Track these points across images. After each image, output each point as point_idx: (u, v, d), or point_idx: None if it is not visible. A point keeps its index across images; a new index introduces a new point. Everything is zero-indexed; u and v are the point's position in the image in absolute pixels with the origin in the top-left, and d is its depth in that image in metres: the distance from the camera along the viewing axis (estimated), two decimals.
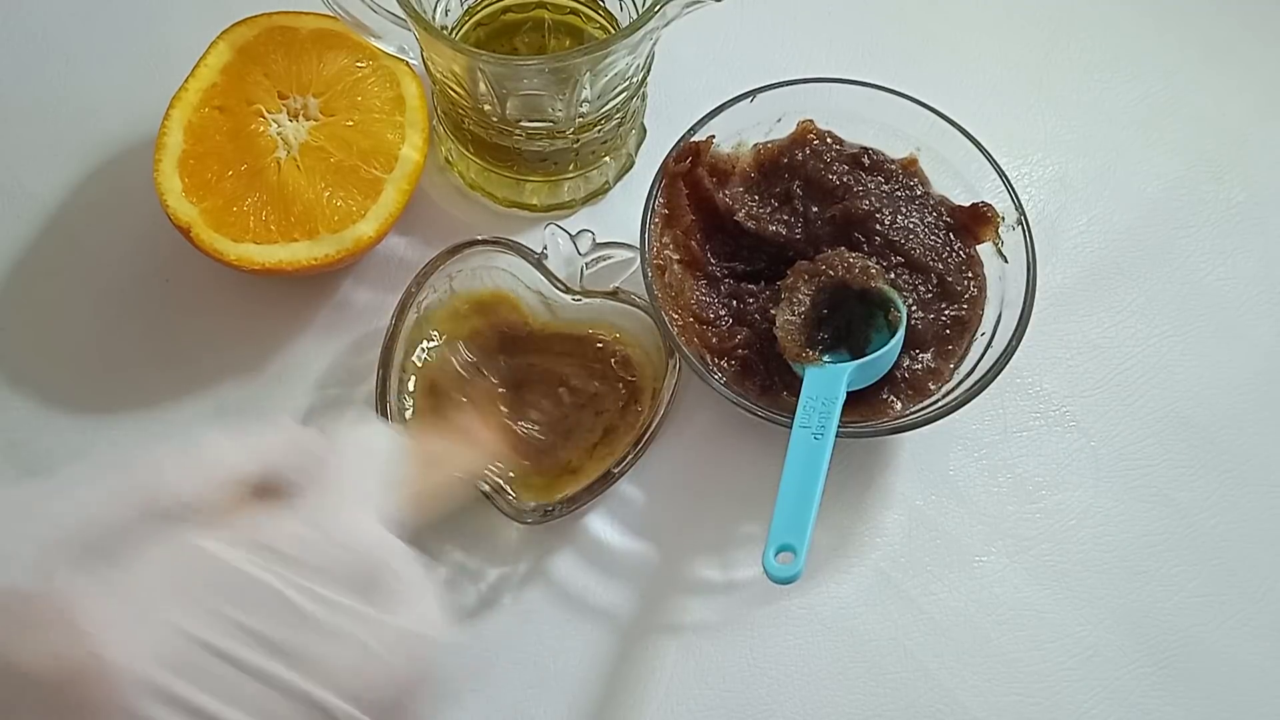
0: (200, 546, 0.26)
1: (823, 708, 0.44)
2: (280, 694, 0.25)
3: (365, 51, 0.50)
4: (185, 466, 0.28)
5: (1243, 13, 0.61)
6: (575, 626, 0.45)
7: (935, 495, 0.48)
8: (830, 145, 0.49)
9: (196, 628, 0.25)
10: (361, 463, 0.31)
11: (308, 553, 0.27)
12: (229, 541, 0.26)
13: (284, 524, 0.28)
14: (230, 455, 0.29)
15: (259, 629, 0.26)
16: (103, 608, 0.24)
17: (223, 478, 0.28)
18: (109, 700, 0.23)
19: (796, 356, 0.44)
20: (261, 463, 0.29)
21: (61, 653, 0.23)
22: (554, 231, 0.48)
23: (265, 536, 0.27)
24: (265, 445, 0.30)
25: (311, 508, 0.28)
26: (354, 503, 0.29)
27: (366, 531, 0.29)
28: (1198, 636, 0.46)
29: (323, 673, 0.26)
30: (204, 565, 0.26)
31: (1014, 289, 0.46)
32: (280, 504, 0.28)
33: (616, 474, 0.44)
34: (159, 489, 0.27)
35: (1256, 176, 0.56)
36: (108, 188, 0.53)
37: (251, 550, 0.26)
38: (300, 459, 0.30)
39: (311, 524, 0.28)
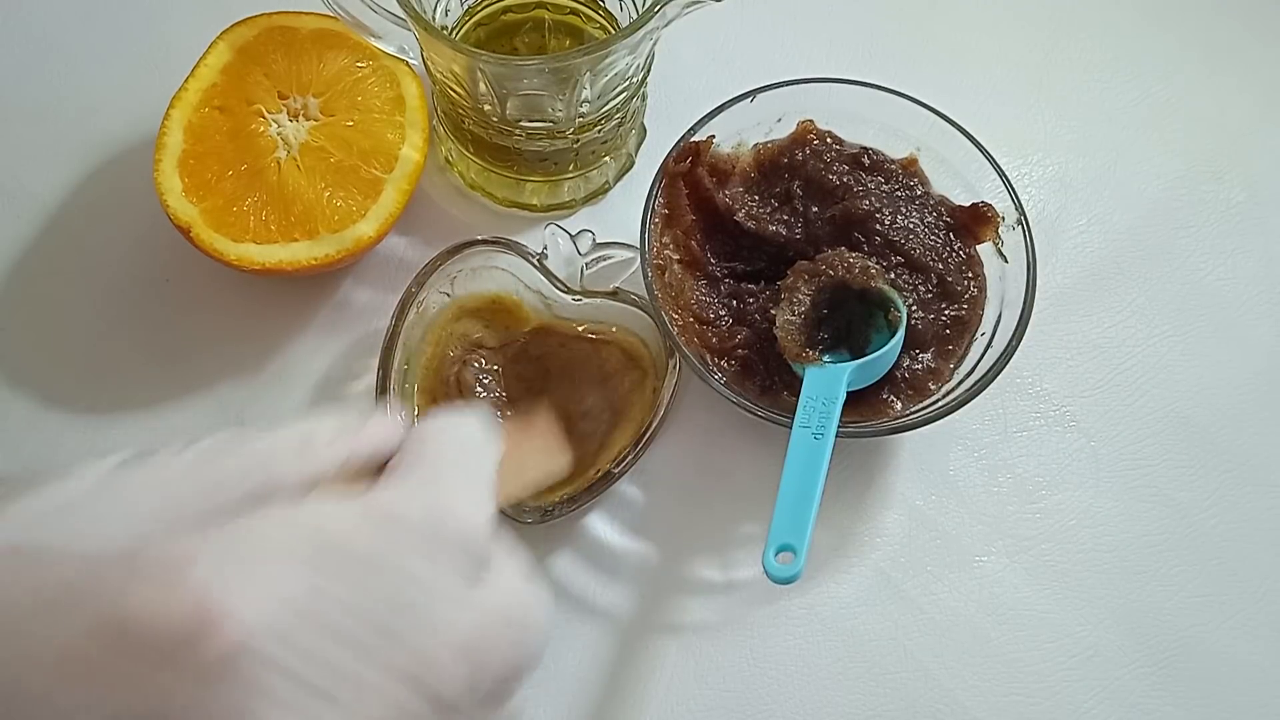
0: (312, 512, 0.26)
1: (823, 708, 0.44)
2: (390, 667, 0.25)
3: (365, 51, 0.50)
4: (298, 452, 0.28)
5: (1243, 13, 0.61)
6: (575, 626, 0.45)
7: (935, 495, 0.48)
8: (830, 145, 0.49)
9: (310, 593, 0.24)
10: (466, 452, 0.30)
11: (423, 524, 0.27)
12: (341, 509, 0.26)
13: (396, 497, 0.27)
14: (336, 444, 0.29)
15: (373, 600, 0.25)
16: (217, 567, 0.24)
17: (327, 466, 0.28)
18: (216, 656, 0.23)
19: (796, 356, 0.44)
20: (365, 452, 0.29)
21: (171, 606, 0.23)
22: (554, 231, 0.48)
23: (378, 507, 0.27)
24: (368, 434, 0.30)
25: (421, 488, 0.28)
26: (465, 486, 0.29)
27: (480, 515, 0.29)
28: (1198, 636, 0.46)
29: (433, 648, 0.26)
30: (316, 530, 0.25)
31: (1014, 289, 0.46)
32: (389, 483, 0.28)
33: (616, 474, 0.44)
34: (267, 474, 0.27)
35: (1256, 176, 0.56)
36: (108, 188, 0.53)
37: (364, 518, 0.26)
38: (406, 445, 0.30)
39: (423, 500, 0.28)
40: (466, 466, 0.30)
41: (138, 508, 0.26)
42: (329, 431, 0.29)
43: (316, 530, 0.25)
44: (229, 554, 0.24)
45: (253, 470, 0.27)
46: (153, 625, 0.23)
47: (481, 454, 0.31)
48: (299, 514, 0.26)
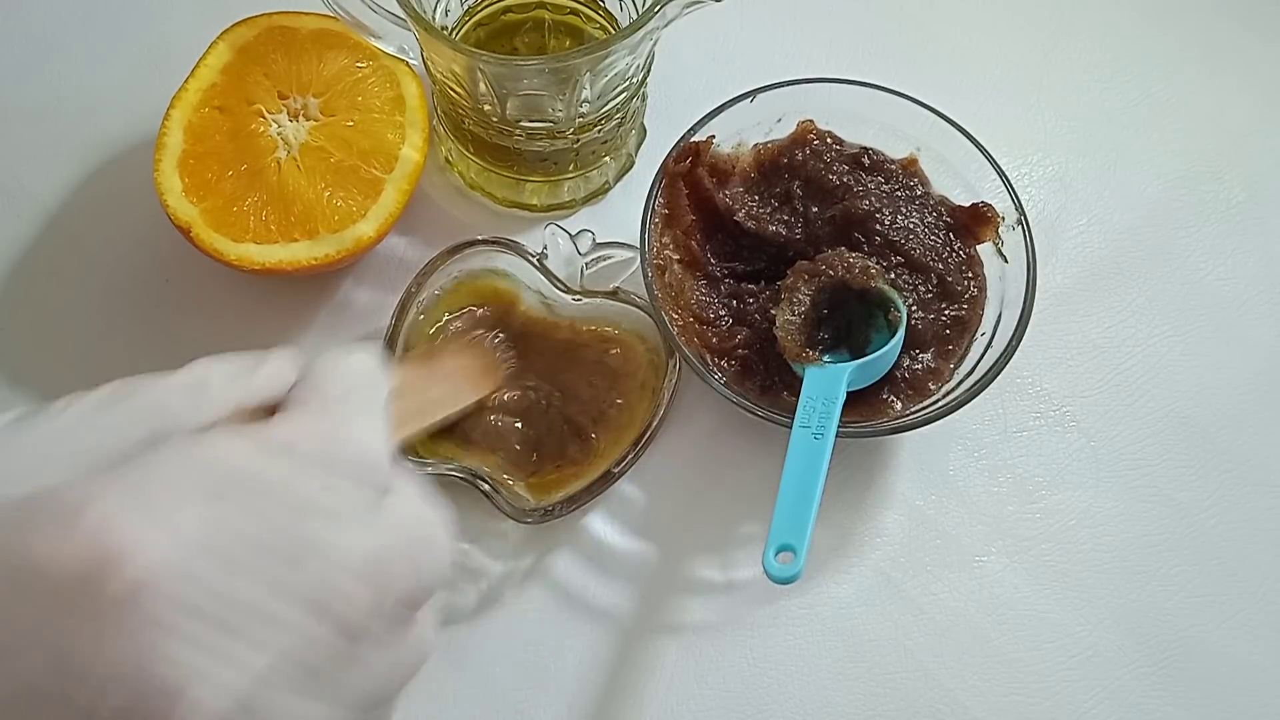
0: (210, 445, 0.26)
1: (823, 708, 0.44)
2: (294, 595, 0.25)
3: (365, 51, 0.50)
4: (191, 396, 0.28)
5: (1243, 13, 0.61)
6: (575, 626, 0.45)
7: (935, 495, 0.48)
8: (830, 145, 0.49)
9: (209, 526, 0.24)
10: (359, 384, 0.30)
11: (320, 451, 0.27)
12: (238, 442, 0.26)
13: (292, 428, 0.27)
14: (232, 385, 0.29)
15: (272, 529, 0.25)
16: (116, 506, 0.24)
17: (224, 408, 0.28)
18: (124, 596, 0.23)
19: (796, 356, 0.44)
20: (263, 390, 0.29)
21: (74, 549, 0.23)
22: (554, 231, 0.48)
23: (275, 438, 0.27)
24: (264, 374, 0.30)
25: (317, 417, 0.28)
26: (361, 412, 0.29)
27: (377, 440, 0.29)
28: (1198, 636, 0.46)
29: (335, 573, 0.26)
30: (215, 463, 0.25)
31: (1014, 289, 0.46)
32: (284, 416, 0.28)
33: (616, 474, 0.44)
34: (164, 418, 0.27)
35: (1256, 176, 0.56)
36: (108, 188, 0.53)
37: (262, 449, 0.26)
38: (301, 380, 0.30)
39: (320, 429, 0.28)
40: (360, 396, 0.30)
41: (34, 458, 0.26)
42: (223, 374, 0.29)
43: (213, 463, 0.25)
44: (126, 492, 0.24)
45: (147, 415, 0.27)
46: (51, 567, 0.23)
47: (374, 384, 0.31)
48: (194, 449, 0.26)
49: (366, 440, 0.28)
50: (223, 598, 0.24)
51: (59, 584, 0.23)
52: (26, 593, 0.23)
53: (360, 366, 0.31)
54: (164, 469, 0.25)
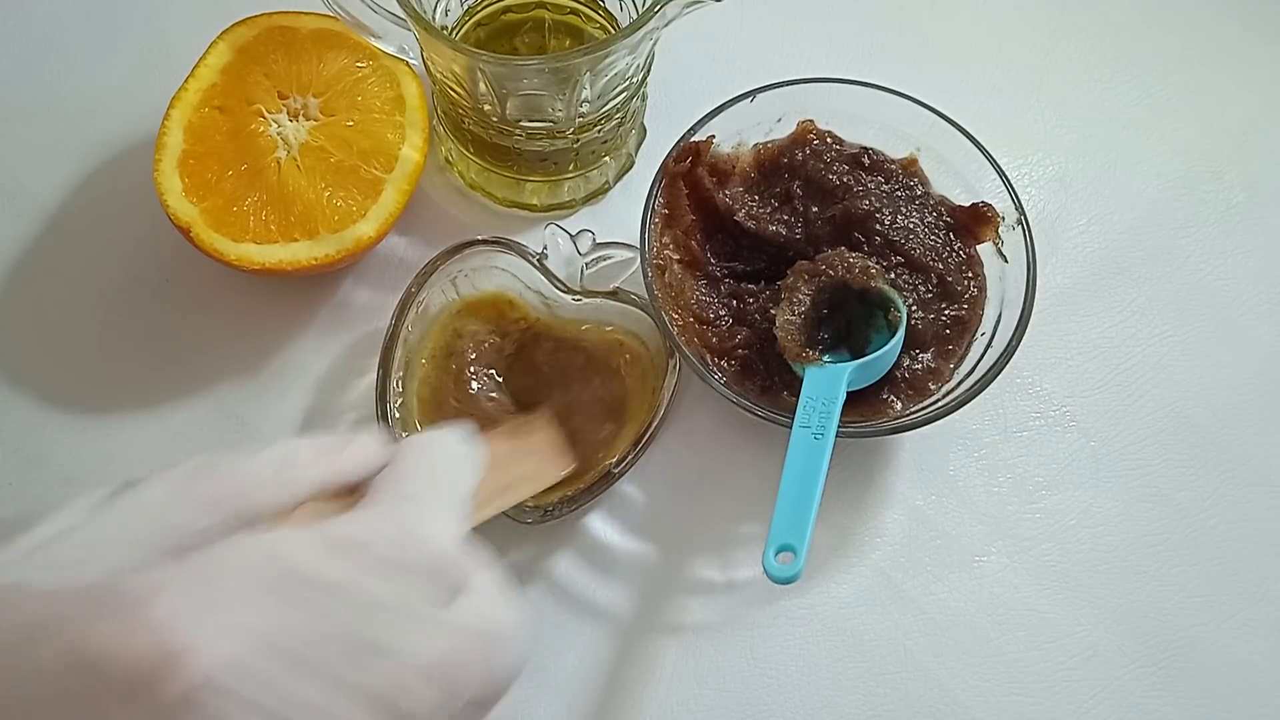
0: (279, 542, 0.26)
1: (823, 708, 0.44)
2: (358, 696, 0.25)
3: (365, 51, 0.50)
4: (273, 478, 0.28)
5: (1243, 13, 0.61)
6: (575, 626, 0.45)
7: (935, 495, 0.48)
8: (830, 145, 0.49)
9: (273, 623, 0.24)
10: (444, 473, 0.30)
11: (389, 551, 0.27)
12: (309, 539, 0.26)
13: (367, 526, 0.27)
14: (316, 466, 0.29)
15: (337, 627, 0.25)
16: (180, 601, 0.23)
17: (308, 489, 0.28)
18: (178, 693, 0.22)
19: (796, 356, 0.44)
20: (346, 474, 0.29)
21: (132, 642, 0.23)
22: (554, 231, 0.48)
23: (347, 536, 0.26)
24: (349, 455, 0.30)
25: (394, 513, 0.28)
26: (435, 509, 0.29)
27: (449, 537, 0.28)
28: (1198, 636, 0.46)
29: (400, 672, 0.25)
30: (283, 560, 0.25)
31: (1014, 289, 0.46)
32: (361, 508, 0.28)
33: (616, 474, 0.44)
34: (247, 500, 0.27)
35: (1256, 176, 0.56)
36: (108, 188, 0.53)
37: (333, 548, 0.26)
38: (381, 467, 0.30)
39: (395, 528, 0.27)
40: (438, 487, 0.30)
41: (114, 542, 0.26)
42: (309, 453, 0.29)
43: (279, 559, 0.25)
44: (191, 586, 0.24)
45: (230, 496, 0.27)
46: (114, 662, 0.23)
47: (457, 473, 0.31)
48: (261, 542, 0.26)
49: (436, 536, 0.28)
50: (282, 696, 0.24)
51: (121, 678, 0.23)
52: (86, 685, 0.23)
53: (443, 452, 0.31)
54: (229, 562, 0.25)
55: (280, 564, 0.25)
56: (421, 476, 0.30)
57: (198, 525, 0.26)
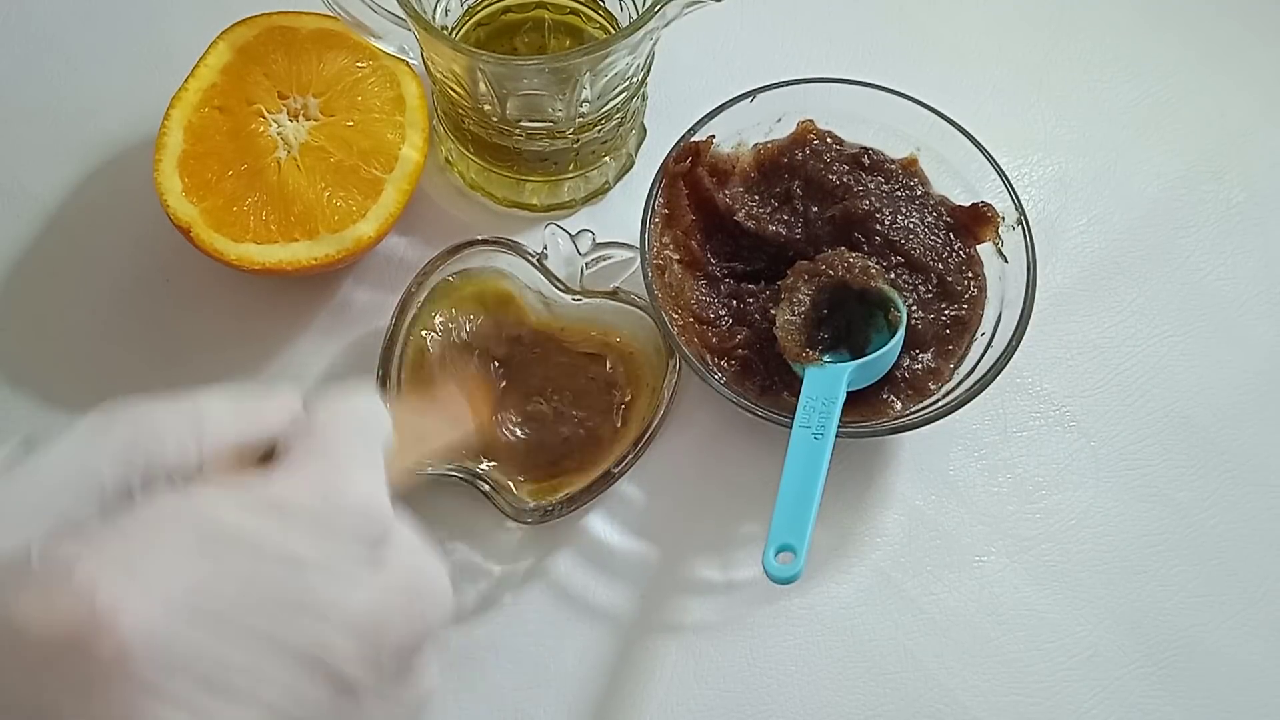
0: (202, 502, 0.26)
1: (823, 708, 0.44)
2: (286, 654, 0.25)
3: (365, 51, 0.50)
4: (186, 432, 0.27)
5: (1243, 13, 0.61)
6: (575, 626, 0.45)
7: (935, 495, 0.48)
8: (830, 145, 0.49)
9: (199, 586, 0.24)
10: (358, 431, 0.30)
11: (311, 507, 0.27)
12: (232, 498, 0.26)
13: (288, 483, 0.27)
14: (230, 423, 0.28)
15: (263, 588, 0.25)
16: (104, 566, 0.23)
17: (222, 445, 0.28)
18: (111, 660, 0.22)
19: (796, 356, 0.44)
20: (261, 431, 0.29)
21: (61, 611, 0.22)
22: (554, 231, 0.48)
23: (269, 494, 0.26)
24: (264, 412, 0.29)
25: (313, 470, 0.28)
26: (353, 463, 0.29)
27: (368, 490, 0.28)
28: (1198, 636, 0.46)
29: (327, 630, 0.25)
30: (207, 521, 0.25)
31: (1014, 289, 0.46)
32: (280, 467, 0.28)
33: (616, 474, 0.44)
34: (159, 455, 0.27)
35: (1256, 176, 0.56)
36: (108, 188, 0.53)
37: (255, 506, 0.26)
38: (298, 426, 0.30)
39: (315, 483, 0.27)
40: (356, 444, 0.29)
41: (23, 506, 0.25)
42: (221, 411, 0.29)
43: (204, 520, 0.25)
44: (113, 550, 0.24)
45: (139, 451, 0.26)
46: (37, 629, 0.22)
47: (373, 429, 0.30)
48: (185, 503, 0.25)
49: (361, 492, 0.28)
50: (212, 659, 0.24)
51: (45, 647, 0.22)
52: (11, 655, 0.23)
53: (360, 410, 0.30)
54: (153, 525, 0.25)
55: (203, 524, 0.25)
56: (337, 433, 0.29)
57: (107, 480, 0.26)
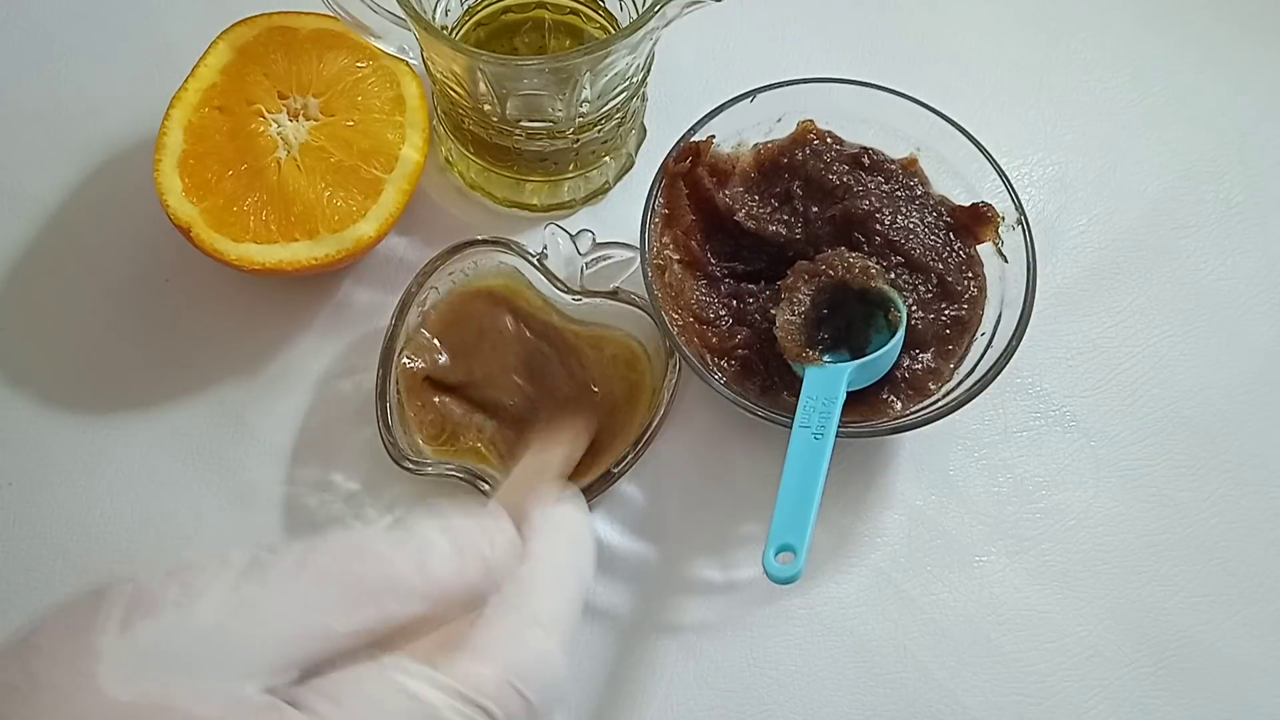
0: (415, 689, 0.27)
1: (823, 708, 0.44)
2: None
3: (365, 51, 0.50)
4: (415, 583, 0.29)
5: (1243, 14, 0.61)
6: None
7: (935, 495, 0.48)
8: (830, 145, 0.49)
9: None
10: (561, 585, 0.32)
11: (500, 700, 0.28)
12: (442, 689, 0.27)
13: (488, 671, 0.29)
14: (456, 570, 0.30)
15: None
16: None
17: (446, 597, 0.29)
18: None
19: (796, 356, 0.44)
20: (481, 577, 0.30)
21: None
22: (554, 231, 0.48)
23: (474, 688, 0.28)
24: (485, 557, 0.31)
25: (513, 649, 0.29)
26: (558, 635, 0.31)
27: (552, 675, 0.30)
28: (1198, 636, 0.46)
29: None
30: (419, 712, 0.27)
31: (1014, 289, 0.46)
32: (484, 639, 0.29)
33: (616, 474, 0.44)
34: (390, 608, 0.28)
35: (1256, 176, 0.56)
36: (108, 188, 0.53)
37: (460, 699, 0.27)
38: (507, 567, 0.31)
39: (512, 670, 0.29)
40: (560, 609, 0.32)
41: (256, 652, 0.26)
42: (446, 549, 0.30)
43: (411, 700, 0.27)
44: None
45: (369, 604, 0.28)
46: None
47: (579, 584, 0.33)
48: (397, 686, 0.27)
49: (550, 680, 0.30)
50: None
51: None
52: None
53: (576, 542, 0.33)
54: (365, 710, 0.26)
55: (411, 709, 0.27)
56: (551, 587, 0.31)
57: (333, 632, 0.27)
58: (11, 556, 0.46)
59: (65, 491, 0.47)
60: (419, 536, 0.30)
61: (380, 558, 0.29)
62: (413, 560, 0.29)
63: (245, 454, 0.48)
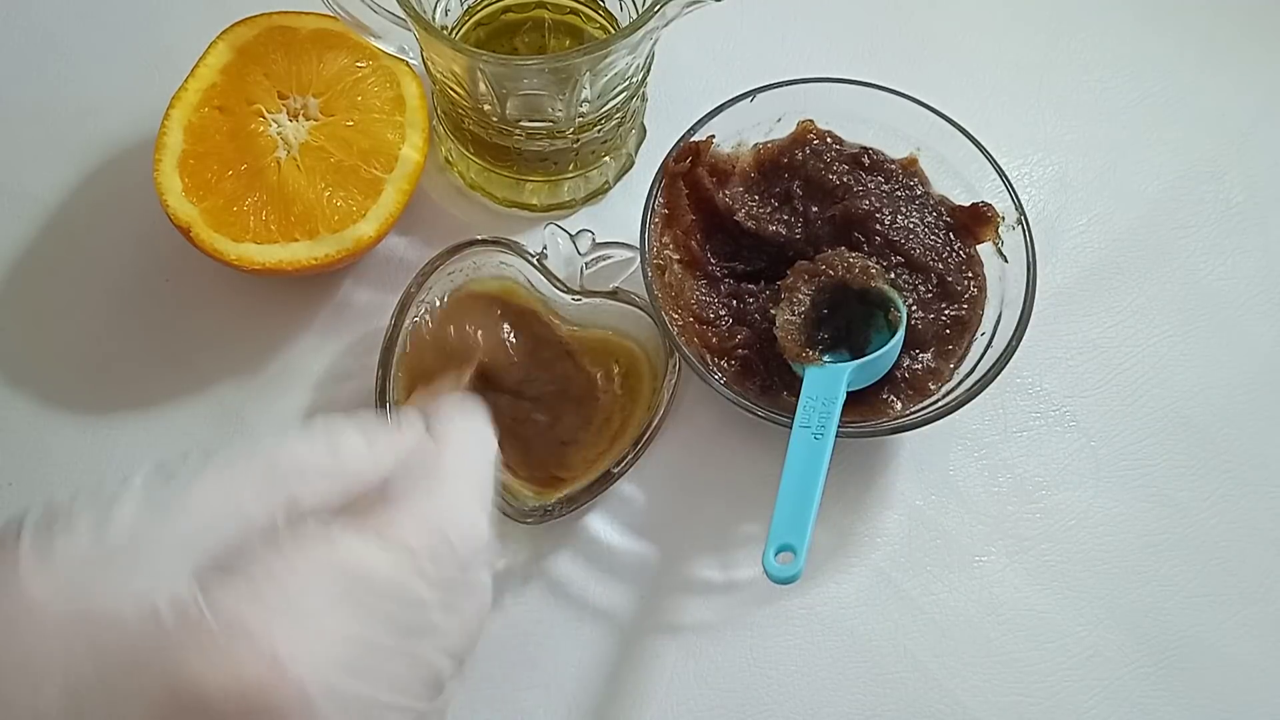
0: (347, 551, 0.27)
1: (823, 708, 0.44)
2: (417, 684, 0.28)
3: (365, 51, 0.50)
4: (327, 466, 0.29)
5: (1242, 14, 0.61)
6: (575, 626, 0.45)
7: (935, 495, 0.48)
8: (830, 145, 0.49)
9: (352, 641, 0.26)
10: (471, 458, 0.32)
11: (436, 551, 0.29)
12: (371, 546, 0.28)
13: (412, 524, 0.29)
14: (367, 457, 0.30)
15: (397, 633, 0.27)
16: (273, 617, 0.25)
17: (359, 479, 0.30)
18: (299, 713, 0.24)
19: (796, 356, 0.44)
20: (392, 464, 0.31)
21: (245, 668, 0.24)
22: (554, 231, 0.48)
23: (400, 537, 0.28)
24: (395, 445, 0.31)
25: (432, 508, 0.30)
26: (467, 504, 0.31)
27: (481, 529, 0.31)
28: (1198, 636, 0.46)
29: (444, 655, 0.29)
30: (352, 568, 0.27)
31: (1014, 289, 0.46)
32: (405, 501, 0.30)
33: (616, 474, 0.44)
34: (302, 489, 0.28)
35: (1256, 176, 0.56)
36: (108, 188, 0.53)
37: (389, 553, 0.28)
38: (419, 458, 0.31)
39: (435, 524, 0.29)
40: (470, 476, 0.32)
41: (171, 544, 0.26)
42: (356, 441, 0.30)
43: (346, 568, 0.27)
44: (278, 602, 0.25)
45: (283, 489, 0.28)
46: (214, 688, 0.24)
47: (486, 457, 0.33)
48: (333, 552, 0.27)
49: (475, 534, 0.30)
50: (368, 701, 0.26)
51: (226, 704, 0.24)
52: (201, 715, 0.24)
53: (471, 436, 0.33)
54: (307, 575, 0.26)
55: (348, 573, 0.27)
56: (454, 465, 0.31)
57: (254, 519, 0.27)
58: None
59: (65, 491, 0.47)
60: (328, 427, 0.30)
61: (290, 445, 0.29)
62: (322, 445, 0.29)
63: None
